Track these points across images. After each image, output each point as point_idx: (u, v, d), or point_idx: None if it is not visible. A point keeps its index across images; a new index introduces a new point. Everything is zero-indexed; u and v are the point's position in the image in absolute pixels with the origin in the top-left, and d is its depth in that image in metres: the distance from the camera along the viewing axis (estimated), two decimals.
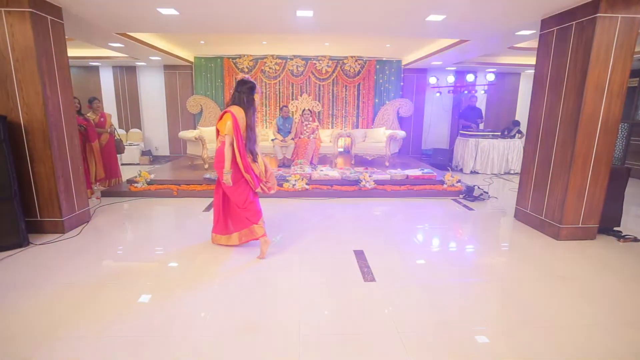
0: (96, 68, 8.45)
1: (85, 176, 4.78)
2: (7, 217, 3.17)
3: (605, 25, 3.15)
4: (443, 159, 7.75)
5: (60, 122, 3.57)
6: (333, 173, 5.59)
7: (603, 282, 2.76)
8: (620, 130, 7.31)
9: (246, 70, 7.97)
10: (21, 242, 3.23)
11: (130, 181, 5.34)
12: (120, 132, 8.17)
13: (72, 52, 4.05)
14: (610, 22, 3.15)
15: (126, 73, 8.52)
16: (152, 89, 8.65)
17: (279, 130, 6.77)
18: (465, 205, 4.86)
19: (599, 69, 3.22)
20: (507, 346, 1.98)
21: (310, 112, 6.88)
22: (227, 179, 2.85)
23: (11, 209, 3.19)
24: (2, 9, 3.16)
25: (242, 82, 2.95)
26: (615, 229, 3.74)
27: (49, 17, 3.43)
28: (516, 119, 8.53)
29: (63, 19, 3.65)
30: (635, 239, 3.57)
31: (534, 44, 4.19)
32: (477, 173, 7.21)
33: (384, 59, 8.07)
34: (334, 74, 8.07)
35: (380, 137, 7.18)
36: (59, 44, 3.58)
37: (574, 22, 3.39)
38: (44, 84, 3.32)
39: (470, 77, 7.53)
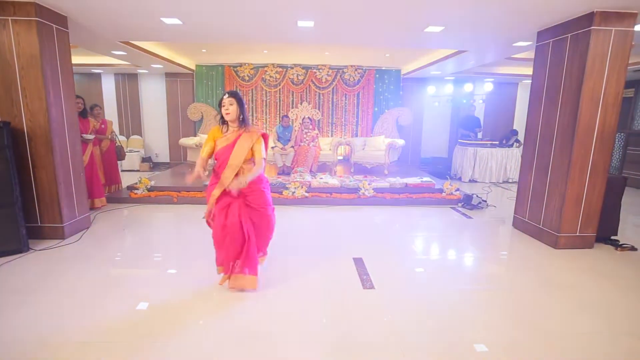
0: (98, 75, 8.53)
1: (96, 188, 4.76)
2: (8, 223, 3.18)
3: (599, 38, 3.22)
4: (442, 168, 7.81)
5: (62, 129, 3.60)
6: (332, 181, 5.62)
7: (601, 291, 2.78)
8: (617, 140, 7.38)
9: (247, 78, 8.05)
10: (21, 248, 3.24)
11: (131, 188, 5.36)
12: (121, 139, 8.21)
13: (74, 59, 4.08)
14: (604, 35, 3.22)
15: (128, 80, 8.60)
16: (153, 96, 8.73)
17: (278, 138, 6.82)
18: (463, 214, 4.88)
19: (594, 80, 3.28)
20: (505, 355, 1.99)
21: (310, 120, 6.94)
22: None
23: (12, 214, 3.20)
24: (9, 18, 3.22)
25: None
26: (612, 237, 3.76)
27: (54, 25, 3.49)
28: (514, 128, 8.61)
29: (68, 28, 3.71)
30: (632, 248, 3.59)
31: (532, 54, 4.27)
32: (476, 181, 7.25)
33: (383, 68, 8.17)
34: (334, 83, 8.16)
35: (379, 145, 7.23)
36: (64, 52, 3.63)
37: (569, 35, 3.46)
38: (47, 91, 3.37)
39: (468, 87, 7.62)
